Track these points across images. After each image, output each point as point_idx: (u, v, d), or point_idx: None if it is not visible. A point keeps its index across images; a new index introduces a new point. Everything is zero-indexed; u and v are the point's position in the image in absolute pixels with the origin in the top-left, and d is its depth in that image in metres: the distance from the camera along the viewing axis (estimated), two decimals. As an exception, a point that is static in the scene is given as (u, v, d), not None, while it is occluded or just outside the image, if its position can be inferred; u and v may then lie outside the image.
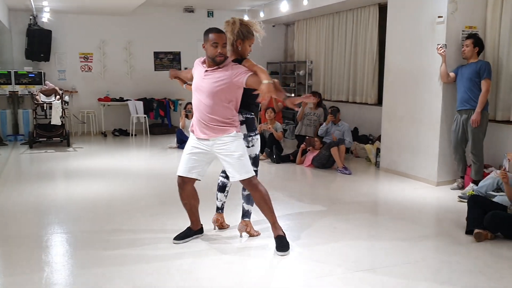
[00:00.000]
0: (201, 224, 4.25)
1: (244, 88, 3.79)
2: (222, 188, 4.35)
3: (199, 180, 3.97)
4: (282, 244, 3.91)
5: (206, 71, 3.79)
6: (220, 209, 4.41)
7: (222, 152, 3.79)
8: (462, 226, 4.51)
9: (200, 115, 3.83)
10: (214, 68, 3.76)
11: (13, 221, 4.76)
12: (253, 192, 3.87)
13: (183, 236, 4.13)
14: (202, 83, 3.80)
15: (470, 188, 5.63)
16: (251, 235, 4.25)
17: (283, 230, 4.01)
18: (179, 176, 3.94)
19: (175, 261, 3.69)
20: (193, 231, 4.19)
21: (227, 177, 4.25)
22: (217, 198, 4.38)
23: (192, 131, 3.94)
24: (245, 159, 3.80)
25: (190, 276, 3.43)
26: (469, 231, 4.30)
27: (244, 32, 3.90)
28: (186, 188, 3.97)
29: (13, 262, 3.70)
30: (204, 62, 3.87)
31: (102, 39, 10.94)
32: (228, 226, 4.48)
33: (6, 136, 9.69)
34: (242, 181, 3.84)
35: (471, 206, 4.43)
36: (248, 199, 4.19)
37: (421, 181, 6.38)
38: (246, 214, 4.24)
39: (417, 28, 6.38)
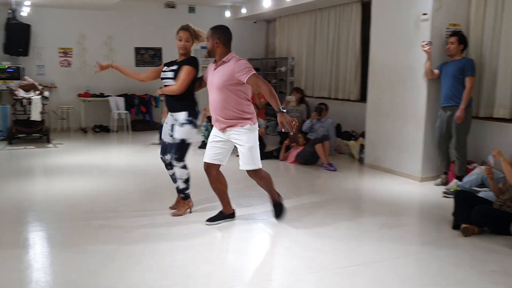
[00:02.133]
0: (233, 209, 4.59)
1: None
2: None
3: (223, 164, 4.36)
4: (277, 211, 4.53)
5: (215, 69, 4.24)
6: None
7: (236, 142, 4.22)
8: (448, 221, 4.58)
9: (215, 110, 4.23)
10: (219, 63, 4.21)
11: (7, 216, 4.66)
12: (258, 180, 4.39)
13: (214, 219, 4.47)
14: (212, 79, 4.23)
15: (454, 184, 5.72)
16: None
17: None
18: (204, 162, 4.33)
19: (167, 257, 3.66)
20: (224, 214, 4.53)
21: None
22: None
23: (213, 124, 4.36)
24: (255, 151, 4.20)
25: (183, 272, 3.40)
26: (456, 226, 4.37)
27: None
28: (212, 173, 4.34)
29: (7, 256, 3.62)
30: (215, 61, 4.30)
31: (82, 33, 10.76)
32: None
33: (-17, 132, 9.47)
34: (248, 171, 4.28)
35: (458, 201, 4.50)
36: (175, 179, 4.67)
37: (405, 177, 6.46)
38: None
39: (402, 25, 6.44)
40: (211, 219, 4.47)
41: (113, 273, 3.39)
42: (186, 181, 4.64)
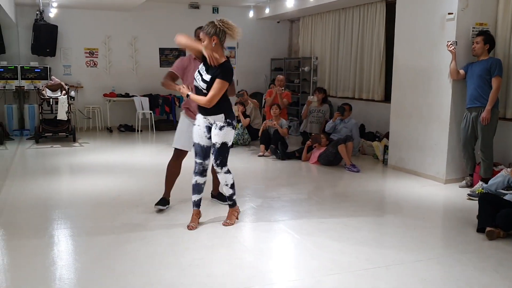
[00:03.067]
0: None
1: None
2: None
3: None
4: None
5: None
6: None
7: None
8: (472, 224, 4.50)
9: None
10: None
11: (21, 216, 4.74)
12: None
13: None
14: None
15: (479, 186, 5.61)
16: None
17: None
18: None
19: (186, 257, 3.68)
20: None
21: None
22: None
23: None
24: None
25: (202, 272, 3.42)
26: (480, 229, 4.29)
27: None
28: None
29: (22, 257, 3.69)
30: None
31: (108, 34, 10.92)
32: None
33: (12, 131, 9.69)
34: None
35: (482, 204, 4.41)
36: None
37: (430, 179, 6.37)
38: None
39: (427, 24, 6.35)
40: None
41: (134, 271, 3.42)
42: (232, 186, 4.39)
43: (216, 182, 5.10)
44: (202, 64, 4.17)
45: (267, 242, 4.11)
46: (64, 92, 9.03)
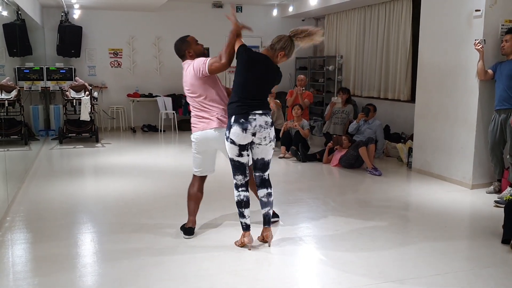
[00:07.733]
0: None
1: None
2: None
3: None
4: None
5: None
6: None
7: None
8: (497, 235, 4.24)
9: None
10: None
11: (43, 216, 4.77)
12: None
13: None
14: None
15: (508, 192, 5.31)
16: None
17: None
18: None
19: (192, 266, 3.57)
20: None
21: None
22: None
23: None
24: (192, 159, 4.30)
25: (206, 284, 3.30)
26: (505, 241, 4.04)
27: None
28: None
29: (44, 258, 3.68)
30: None
31: (132, 34, 10.95)
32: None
33: (38, 131, 9.81)
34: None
35: (508, 213, 4.15)
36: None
37: (455, 184, 6.09)
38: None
39: (453, 22, 6.07)
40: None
41: (138, 281, 3.34)
42: (236, 204, 3.94)
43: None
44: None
45: (276, 252, 3.92)
46: (87, 92, 9.09)
